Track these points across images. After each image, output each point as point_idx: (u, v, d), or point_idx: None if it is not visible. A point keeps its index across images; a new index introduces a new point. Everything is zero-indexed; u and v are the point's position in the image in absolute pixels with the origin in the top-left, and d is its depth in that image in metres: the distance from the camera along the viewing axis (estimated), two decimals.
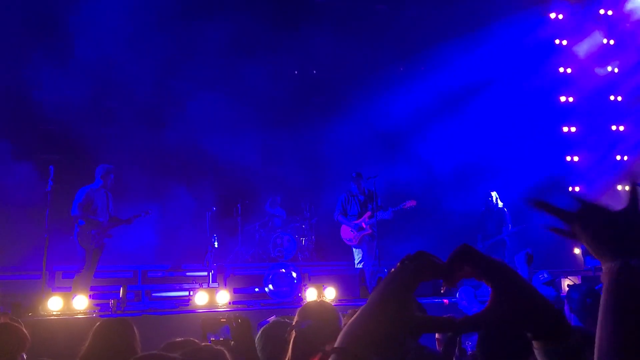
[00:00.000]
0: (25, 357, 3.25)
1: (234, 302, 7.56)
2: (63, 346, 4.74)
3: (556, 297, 6.18)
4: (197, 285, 8.79)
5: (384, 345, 0.78)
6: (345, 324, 2.35)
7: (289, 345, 2.41)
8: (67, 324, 5.85)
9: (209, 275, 9.00)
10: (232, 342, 3.16)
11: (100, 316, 6.01)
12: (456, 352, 2.49)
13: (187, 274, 9.66)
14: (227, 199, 10.64)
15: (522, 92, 12.18)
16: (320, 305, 2.58)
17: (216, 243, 9.43)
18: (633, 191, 0.99)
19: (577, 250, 11.54)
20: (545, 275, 6.07)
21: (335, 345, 0.77)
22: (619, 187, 12.59)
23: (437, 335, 3.75)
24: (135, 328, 3.24)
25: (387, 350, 0.79)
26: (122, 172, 8.35)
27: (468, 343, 2.53)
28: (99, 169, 7.63)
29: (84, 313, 6.46)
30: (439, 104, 11.82)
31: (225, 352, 2.07)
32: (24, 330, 3.30)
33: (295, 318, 2.49)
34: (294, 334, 2.41)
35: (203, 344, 2.90)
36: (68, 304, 6.43)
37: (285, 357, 2.45)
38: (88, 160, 9.59)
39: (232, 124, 11.07)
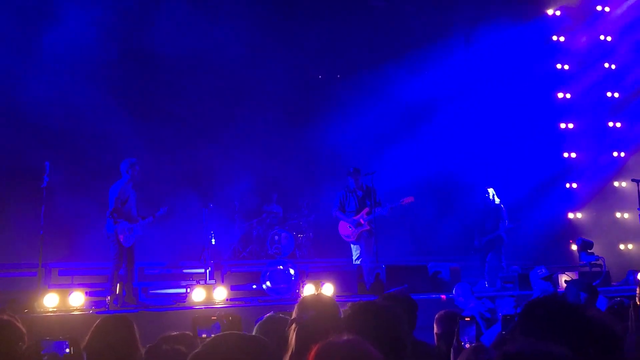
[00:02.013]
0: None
1: (231, 299, 7.53)
2: None
3: (553, 292, 6.19)
4: (194, 282, 8.77)
5: None
6: (344, 316, 2.34)
7: (290, 339, 2.39)
8: (64, 321, 5.82)
9: (206, 272, 8.97)
10: None
11: (97, 313, 5.99)
12: (454, 344, 2.48)
13: (184, 271, 9.64)
14: (224, 196, 10.61)
15: (520, 88, 12.18)
16: (319, 297, 2.57)
17: (213, 240, 9.41)
18: None
19: (574, 247, 11.56)
20: (543, 271, 6.09)
21: None
22: (616, 184, 12.63)
23: (435, 330, 3.75)
24: (135, 325, 3.23)
25: None
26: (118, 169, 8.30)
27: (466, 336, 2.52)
28: (123, 164, 7.46)
29: (80, 310, 6.44)
30: (436, 100, 11.81)
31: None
32: (20, 326, 3.28)
33: (296, 311, 2.48)
34: (295, 327, 2.39)
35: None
36: (64, 300, 6.41)
37: (285, 352, 2.43)
38: (84, 157, 9.60)
39: (229, 121, 11.04)
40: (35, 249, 7.08)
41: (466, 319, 2.53)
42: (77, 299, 6.47)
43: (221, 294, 7.13)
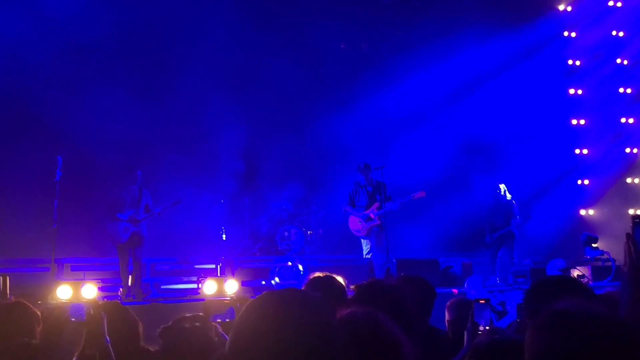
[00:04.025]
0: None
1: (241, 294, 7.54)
2: (72, 332, 4.74)
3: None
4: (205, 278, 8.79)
5: None
6: (352, 296, 2.34)
7: None
8: None
9: (216, 267, 9.02)
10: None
11: None
12: (469, 326, 2.46)
13: (195, 266, 9.67)
14: (234, 192, 10.64)
15: (531, 84, 12.11)
16: (328, 277, 2.56)
17: (224, 235, 9.45)
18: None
19: None
20: (561, 263, 6.07)
21: None
22: (628, 180, 12.53)
23: (447, 318, 3.74)
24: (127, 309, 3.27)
25: None
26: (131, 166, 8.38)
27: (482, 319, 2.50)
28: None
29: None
30: (448, 94, 11.77)
31: None
32: (35, 310, 3.32)
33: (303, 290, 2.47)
34: None
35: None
36: (77, 292, 6.46)
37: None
38: (95, 153, 9.65)
39: (237, 116, 11.05)
40: (48, 244, 7.15)
41: (481, 301, 2.51)
42: (90, 291, 6.51)
43: (232, 286, 7.15)
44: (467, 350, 2.44)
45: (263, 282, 8.93)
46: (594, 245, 9.35)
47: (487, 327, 2.47)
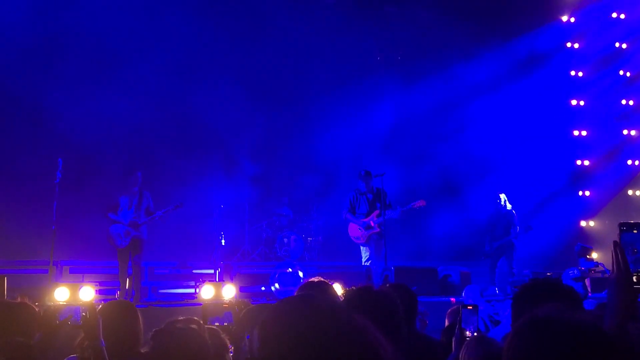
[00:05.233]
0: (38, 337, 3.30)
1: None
2: (68, 334, 4.76)
3: (584, 294, 6.16)
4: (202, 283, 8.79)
5: None
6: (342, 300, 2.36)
7: None
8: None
9: (215, 273, 9.01)
10: (233, 327, 3.18)
11: None
12: (456, 332, 2.46)
13: (194, 271, 9.68)
14: (235, 197, 10.66)
15: (533, 95, 12.13)
16: (320, 282, 2.59)
17: (223, 241, 9.46)
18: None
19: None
20: (576, 272, 6.07)
21: None
22: (630, 192, 12.50)
23: (446, 324, 3.74)
24: (138, 311, 3.27)
25: None
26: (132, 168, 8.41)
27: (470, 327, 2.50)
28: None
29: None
30: (450, 104, 11.79)
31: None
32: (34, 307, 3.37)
33: (297, 293, 2.50)
34: None
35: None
36: (74, 294, 6.45)
37: None
38: (96, 156, 9.68)
39: (239, 122, 11.09)
40: (47, 246, 7.17)
41: (469, 307, 2.50)
42: (88, 293, 6.50)
43: (230, 291, 7.12)
44: (455, 356, 2.44)
45: (263, 288, 8.92)
46: (588, 256, 9.33)
47: (475, 334, 2.46)
